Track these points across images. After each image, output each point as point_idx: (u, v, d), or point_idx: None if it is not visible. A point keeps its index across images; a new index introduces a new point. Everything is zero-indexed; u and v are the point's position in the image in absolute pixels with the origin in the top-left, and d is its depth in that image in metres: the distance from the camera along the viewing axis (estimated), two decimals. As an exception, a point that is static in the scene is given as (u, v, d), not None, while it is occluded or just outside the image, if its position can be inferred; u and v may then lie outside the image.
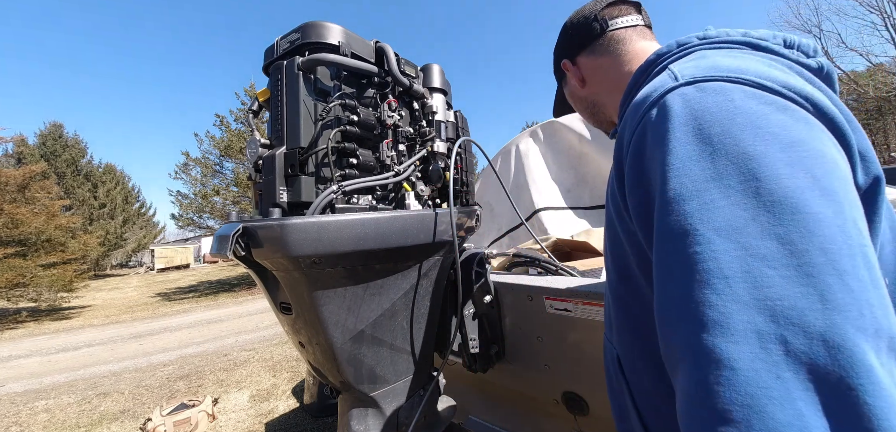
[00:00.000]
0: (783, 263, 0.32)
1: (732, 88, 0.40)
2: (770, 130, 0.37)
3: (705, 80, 0.42)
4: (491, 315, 1.35)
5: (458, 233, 1.08)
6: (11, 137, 15.54)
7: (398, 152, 1.12)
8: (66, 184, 23.77)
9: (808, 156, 0.35)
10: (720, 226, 0.35)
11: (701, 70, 0.44)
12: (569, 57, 0.80)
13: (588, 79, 0.78)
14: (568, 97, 0.90)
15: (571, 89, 0.84)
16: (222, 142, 15.00)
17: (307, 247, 0.83)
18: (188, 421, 3.27)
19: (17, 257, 10.57)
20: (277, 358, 5.39)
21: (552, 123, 2.57)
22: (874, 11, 14.49)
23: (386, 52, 1.07)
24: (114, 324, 9.23)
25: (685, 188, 0.38)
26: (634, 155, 0.46)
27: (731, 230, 0.34)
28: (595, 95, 0.79)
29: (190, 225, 15.69)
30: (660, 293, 0.40)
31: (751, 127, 0.37)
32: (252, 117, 1.13)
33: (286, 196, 0.93)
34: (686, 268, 0.36)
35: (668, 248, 0.39)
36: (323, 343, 0.98)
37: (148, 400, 4.26)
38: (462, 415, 1.75)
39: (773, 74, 0.41)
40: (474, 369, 1.36)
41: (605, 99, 0.77)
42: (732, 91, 0.40)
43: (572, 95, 0.86)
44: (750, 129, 0.37)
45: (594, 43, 0.75)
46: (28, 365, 6.03)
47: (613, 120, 0.79)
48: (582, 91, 0.80)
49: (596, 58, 0.75)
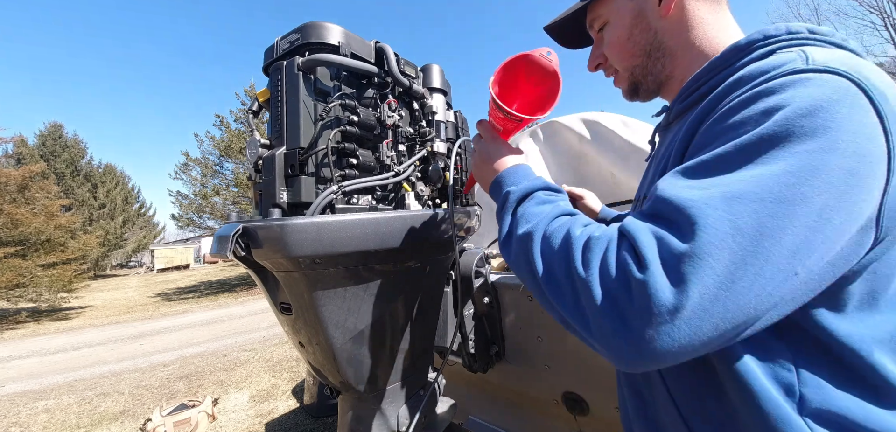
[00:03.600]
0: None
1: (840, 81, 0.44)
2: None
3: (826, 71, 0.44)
4: (491, 315, 1.35)
5: (457, 234, 1.08)
6: (11, 138, 15.53)
7: (398, 152, 1.12)
8: (65, 184, 23.76)
9: None
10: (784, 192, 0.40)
11: (829, 61, 0.46)
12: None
13: (677, 13, 0.60)
14: (621, 12, 0.65)
15: (645, 6, 0.63)
16: (222, 143, 15.00)
17: (307, 248, 0.83)
18: (188, 421, 3.27)
19: (17, 257, 10.56)
20: (277, 358, 5.39)
21: (552, 123, 2.57)
22: (874, 11, 14.49)
23: (386, 52, 1.07)
24: (114, 324, 9.22)
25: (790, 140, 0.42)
26: (734, 107, 0.47)
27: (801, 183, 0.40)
28: (668, 38, 0.62)
29: (190, 225, 15.69)
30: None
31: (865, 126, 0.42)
32: (252, 117, 1.13)
33: (286, 196, 0.93)
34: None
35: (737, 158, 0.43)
36: (323, 343, 0.98)
37: (148, 400, 4.26)
38: (462, 415, 1.75)
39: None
40: (474, 369, 1.36)
41: (677, 51, 0.62)
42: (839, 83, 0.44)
43: (639, 15, 0.63)
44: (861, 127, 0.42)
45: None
46: (28, 366, 6.02)
47: (663, 83, 0.66)
48: (659, 20, 0.62)
49: (703, 1, 0.60)
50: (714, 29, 0.60)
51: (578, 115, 2.45)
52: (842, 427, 0.43)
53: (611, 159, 2.18)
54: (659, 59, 0.64)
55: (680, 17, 0.61)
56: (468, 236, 1.28)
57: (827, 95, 0.40)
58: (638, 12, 0.64)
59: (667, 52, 0.63)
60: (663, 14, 0.61)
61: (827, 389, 0.44)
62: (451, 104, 1.33)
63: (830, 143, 0.38)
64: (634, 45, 0.65)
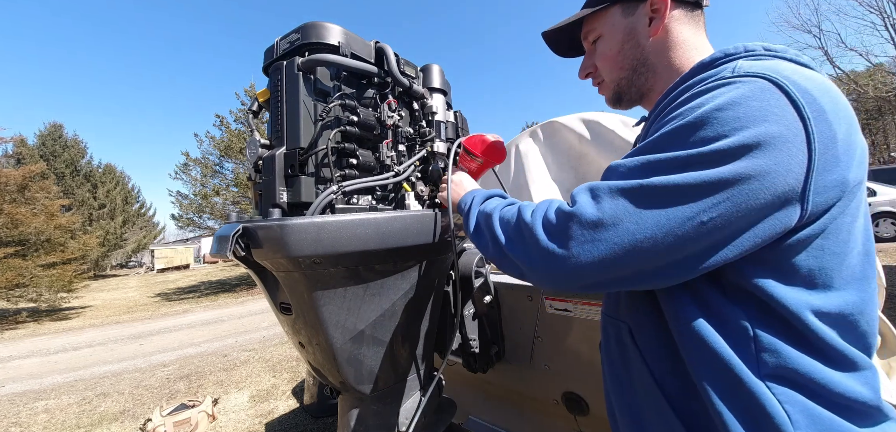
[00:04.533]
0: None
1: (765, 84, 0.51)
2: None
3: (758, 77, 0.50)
4: (491, 315, 1.35)
5: (457, 234, 1.08)
6: (11, 138, 15.52)
7: (398, 152, 1.12)
8: (65, 184, 23.75)
9: None
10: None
11: (764, 70, 0.51)
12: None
13: (664, 34, 0.68)
14: (614, 28, 0.72)
15: (636, 26, 0.69)
16: (222, 143, 15.00)
17: (307, 248, 0.83)
18: (188, 421, 3.27)
19: (17, 257, 10.56)
20: (277, 358, 5.39)
21: (552, 123, 2.57)
22: (874, 11, 14.47)
23: (386, 52, 1.07)
24: (114, 324, 9.22)
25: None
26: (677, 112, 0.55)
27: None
28: (653, 55, 0.69)
29: (190, 225, 15.68)
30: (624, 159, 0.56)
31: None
32: (252, 117, 1.13)
33: (286, 196, 0.93)
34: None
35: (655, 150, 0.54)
36: (323, 343, 0.98)
37: (148, 400, 4.26)
38: (462, 415, 1.75)
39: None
40: (474, 369, 1.36)
41: (659, 68, 0.69)
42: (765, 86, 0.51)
43: (630, 33, 0.70)
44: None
45: (697, 8, 0.68)
46: (28, 366, 6.02)
47: (644, 95, 0.73)
48: (648, 39, 0.68)
49: (687, 22, 0.68)
50: (691, 49, 0.67)
51: (578, 115, 2.45)
52: (798, 385, 0.48)
53: (611, 159, 2.17)
54: (643, 73, 0.71)
55: (665, 38, 0.68)
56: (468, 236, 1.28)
57: (742, 93, 0.48)
58: (630, 30, 0.71)
59: (650, 68, 0.70)
60: (652, 34, 0.68)
61: (784, 351, 0.48)
62: (451, 104, 1.33)
63: (739, 127, 0.46)
64: (624, 60, 0.72)
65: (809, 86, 0.48)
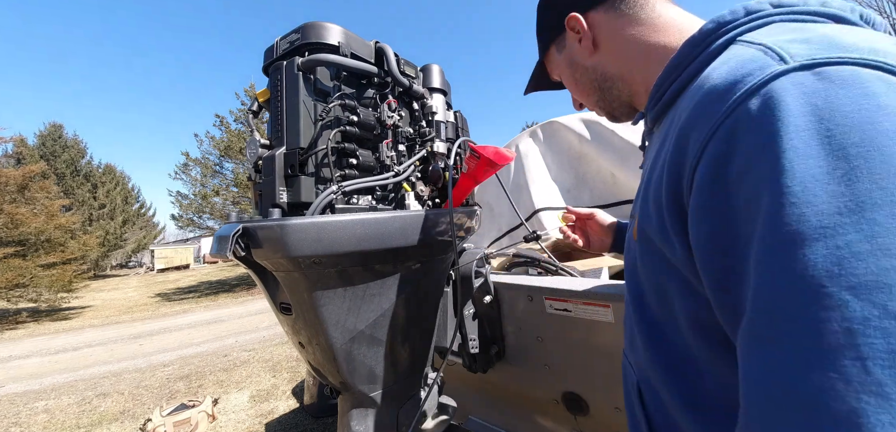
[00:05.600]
0: None
1: (870, 77, 0.29)
2: None
3: (829, 64, 0.30)
4: (491, 315, 1.35)
5: (457, 234, 1.08)
6: (11, 138, 15.54)
7: (398, 152, 1.12)
8: (65, 184, 23.74)
9: None
10: (860, 283, 0.25)
11: (817, 47, 0.32)
12: (578, 9, 0.63)
13: (602, 43, 0.62)
14: (562, 66, 0.69)
15: (572, 54, 0.66)
16: (222, 143, 15.01)
17: (307, 248, 0.83)
18: (188, 421, 3.27)
19: (17, 257, 10.57)
20: (277, 358, 5.39)
21: (552, 123, 2.57)
22: (874, 11, 14.49)
23: (385, 52, 1.07)
24: (113, 324, 9.22)
25: (809, 225, 0.27)
26: (712, 170, 0.34)
27: (876, 288, 0.24)
28: (607, 66, 0.63)
29: (190, 225, 15.70)
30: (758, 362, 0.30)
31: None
32: (252, 117, 1.13)
33: (286, 196, 0.93)
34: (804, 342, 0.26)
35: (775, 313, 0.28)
36: (323, 343, 0.98)
37: (148, 400, 4.26)
38: (462, 415, 1.75)
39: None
40: (474, 369, 1.36)
41: (623, 72, 0.62)
42: (871, 81, 0.29)
43: (572, 63, 0.67)
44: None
45: (605, 2, 0.60)
46: (28, 366, 6.02)
47: (631, 102, 0.65)
48: (589, 59, 0.64)
49: (617, 17, 0.60)
50: (650, 33, 0.57)
51: (578, 115, 2.45)
52: None
53: (611, 159, 2.18)
54: (610, 87, 0.64)
55: (607, 45, 0.62)
56: (468, 236, 1.28)
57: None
58: (570, 61, 0.67)
59: (615, 78, 0.63)
60: (590, 53, 0.63)
61: None
62: (451, 104, 1.33)
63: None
64: (583, 87, 0.67)
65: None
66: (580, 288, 1.10)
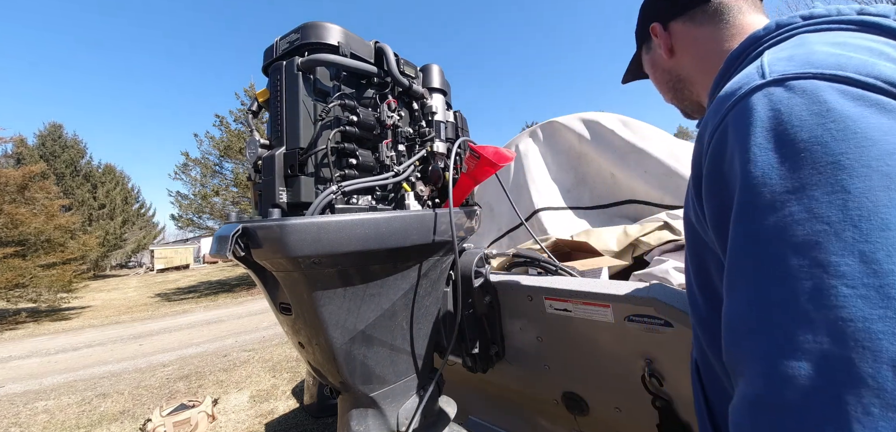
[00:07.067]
0: (863, 283, 0.30)
1: (825, 88, 0.36)
2: (867, 135, 0.33)
3: (796, 78, 0.38)
4: (491, 315, 1.35)
5: (457, 234, 1.08)
6: (10, 138, 15.53)
7: (398, 152, 1.12)
8: (65, 184, 23.74)
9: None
10: (799, 243, 0.33)
11: (794, 64, 0.40)
12: (660, 19, 0.71)
13: (678, 49, 0.70)
14: (647, 65, 0.80)
15: (655, 58, 0.75)
16: (222, 143, 15.01)
17: (307, 248, 0.83)
18: (188, 421, 3.27)
19: (17, 257, 10.56)
20: (277, 358, 5.39)
21: (551, 123, 2.57)
22: (873, 11, 14.47)
23: (385, 52, 1.07)
24: (113, 324, 9.22)
25: (763, 199, 0.36)
26: (713, 157, 0.44)
27: (809, 245, 0.32)
28: (682, 70, 0.71)
29: (189, 225, 15.69)
30: (728, 302, 0.39)
31: (844, 132, 0.33)
32: (252, 118, 1.12)
33: (286, 196, 0.93)
34: (755, 283, 0.35)
35: (740, 261, 0.38)
36: (323, 343, 0.97)
37: (148, 400, 4.26)
38: (462, 415, 1.75)
39: (881, 68, 0.36)
40: (474, 369, 1.36)
41: (694, 76, 0.69)
42: (825, 91, 0.36)
43: (654, 64, 0.77)
44: (842, 135, 0.33)
45: (696, 8, 0.66)
46: (27, 366, 6.02)
47: (700, 102, 0.72)
48: (667, 62, 0.72)
49: (694, 26, 0.67)
50: (717, 42, 0.64)
51: (578, 115, 2.45)
52: None
53: (610, 159, 2.18)
54: (682, 89, 0.73)
55: (682, 50, 0.69)
56: (468, 236, 1.28)
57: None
58: (654, 62, 0.77)
59: (686, 82, 0.71)
60: (668, 57, 0.71)
61: None
62: (450, 104, 1.33)
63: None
64: (660, 85, 0.78)
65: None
66: (580, 288, 1.10)
